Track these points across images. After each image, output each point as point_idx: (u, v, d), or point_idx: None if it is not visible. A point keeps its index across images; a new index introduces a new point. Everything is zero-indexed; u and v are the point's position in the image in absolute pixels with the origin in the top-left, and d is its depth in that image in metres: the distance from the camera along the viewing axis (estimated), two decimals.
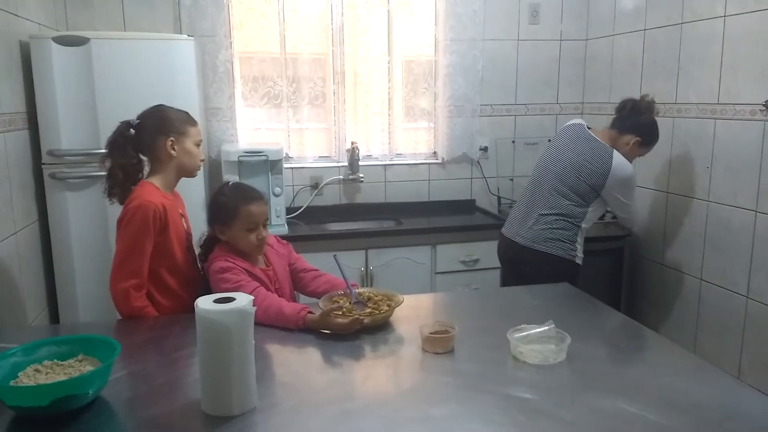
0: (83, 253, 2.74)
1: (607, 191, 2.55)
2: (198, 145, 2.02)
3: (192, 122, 2.02)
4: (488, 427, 1.26)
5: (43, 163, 2.68)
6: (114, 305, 1.90)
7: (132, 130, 1.93)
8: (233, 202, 1.95)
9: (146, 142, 1.95)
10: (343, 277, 1.98)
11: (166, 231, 1.90)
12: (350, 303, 1.87)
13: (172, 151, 1.95)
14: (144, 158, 1.98)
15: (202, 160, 2.06)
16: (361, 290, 1.97)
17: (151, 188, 1.92)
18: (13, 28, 2.54)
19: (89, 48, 2.63)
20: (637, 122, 2.62)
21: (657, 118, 2.69)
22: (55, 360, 1.44)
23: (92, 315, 2.77)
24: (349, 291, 1.92)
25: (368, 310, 1.80)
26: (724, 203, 2.82)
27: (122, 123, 1.95)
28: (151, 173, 1.99)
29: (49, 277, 2.77)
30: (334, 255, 2.02)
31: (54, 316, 2.80)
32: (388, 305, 1.85)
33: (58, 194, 2.70)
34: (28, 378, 1.36)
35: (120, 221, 1.89)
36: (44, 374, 1.38)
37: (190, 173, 2.04)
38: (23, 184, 2.58)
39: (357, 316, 1.74)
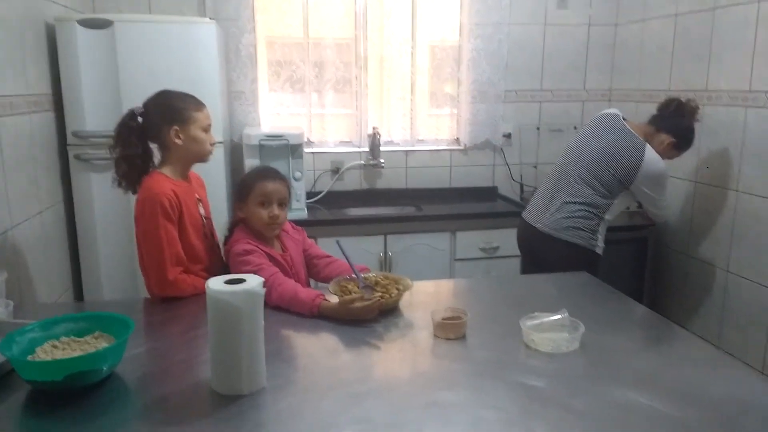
0: (107, 233, 2.79)
1: (636, 186, 2.49)
2: (207, 129, 1.96)
3: (197, 107, 1.95)
4: (497, 414, 1.25)
5: (68, 144, 2.73)
6: (162, 293, 1.90)
7: (139, 119, 1.92)
8: (250, 178, 2.01)
9: (151, 131, 1.93)
10: (348, 262, 1.98)
11: (181, 219, 1.90)
12: (358, 288, 1.86)
13: (178, 140, 1.91)
14: (153, 146, 1.96)
15: (214, 144, 2.01)
16: (367, 275, 1.95)
17: (160, 177, 1.91)
18: (39, 10, 2.57)
19: (113, 30, 2.66)
20: (677, 124, 2.55)
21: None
22: (72, 336, 1.46)
23: (115, 294, 2.82)
24: (356, 276, 1.92)
25: (378, 294, 1.79)
26: (753, 194, 2.74)
27: (127, 111, 1.93)
28: (161, 162, 1.97)
29: (73, 257, 2.83)
30: (337, 240, 2.02)
31: (78, 295, 2.86)
32: (397, 289, 1.85)
33: (82, 175, 2.75)
34: (45, 353, 1.39)
35: (135, 219, 1.90)
36: (61, 350, 1.41)
37: (201, 159, 2.00)
38: (49, 164, 2.63)
39: (376, 299, 1.73)
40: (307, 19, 3.48)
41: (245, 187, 1.99)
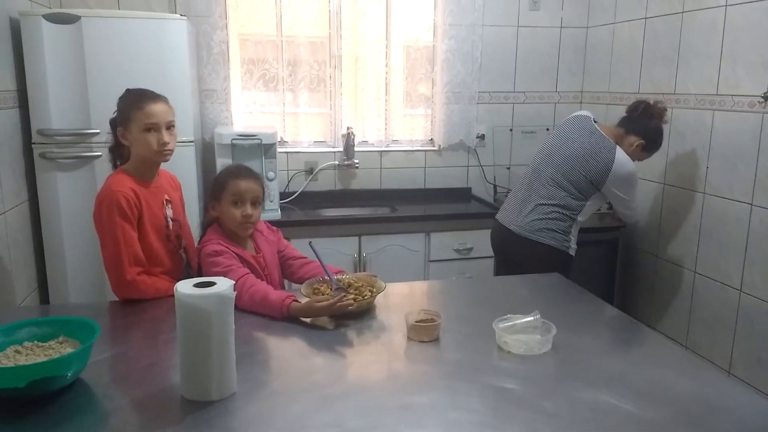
0: (73, 234, 2.72)
1: (607, 187, 2.52)
2: (150, 128, 1.85)
3: (139, 105, 1.85)
4: (468, 416, 1.25)
5: (33, 143, 2.65)
6: (121, 295, 1.87)
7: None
8: (224, 177, 1.99)
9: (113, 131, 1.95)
10: (321, 264, 1.97)
11: (140, 220, 1.87)
12: (331, 290, 1.85)
13: (125, 141, 1.90)
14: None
15: (164, 144, 1.87)
16: (340, 277, 1.95)
17: (122, 177, 1.89)
18: (3, 4, 2.50)
19: (80, 26, 2.60)
20: (645, 125, 2.59)
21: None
22: (36, 341, 1.42)
23: (82, 296, 2.76)
24: (329, 278, 1.91)
25: (351, 296, 1.78)
26: (720, 196, 2.80)
27: None
28: (128, 160, 1.96)
29: (39, 258, 2.76)
30: (310, 242, 2.02)
31: (44, 297, 2.79)
32: (370, 291, 1.84)
33: (48, 174, 2.68)
34: (7, 359, 1.35)
35: (94, 217, 1.87)
36: (24, 355, 1.37)
37: (150, 160, 1.91)
38: (13, 163, 2.55)
39: (342, 298, 1.72)
40: (280, 16, 3.45)
41: (218, 185, 1.97)
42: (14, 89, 2.59)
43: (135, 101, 1.87)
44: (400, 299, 1.99)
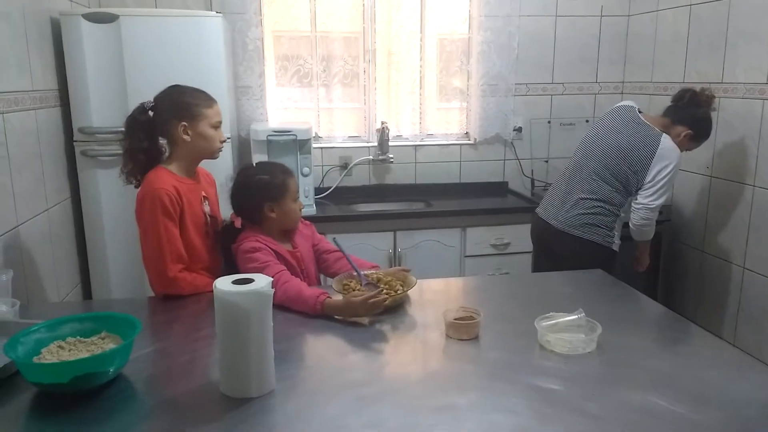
0: (115, 230, 2.77)
1: (649, 174, 2.40)
2: (216, 127, 1.93)
3: (207, 103, 1.92)
4: (510, 418, 1.21)
5: (75, 141, 2.70)
6: (161, 291, 1.89)
7: (150, 113, 1.89)
8: (279, 177, 1.98)
9: (160, 126, 1.90)
10: (348, 260, 1.96)
11: (182, 217, 1.87)
12: (361, 285, 1.83)
13: (186, 136, 1.88)
14: (163, 141, 1.94)
15: (223, 141, 1.98)
16: (368, 272, 1.92)
17: (163, 173, 1.88)
18: (44, 5, 2.55)
19: (119, 25, 2.63)
20: (692, 114, 2.48)
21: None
22: (78, 337, 1.44)
23: (124, 291, 2.81)
24: (357, 274, 1.89)
25: (383, 292, 1.76)
26: None
27: (138, 105, 1.91)
28: (169, 157, 1.95)
29: (81, 254, 2.81)
30: (334, 238, 2.01)
31: (87, 293, 2.85)
32: (401, 285, 1.81)
33: (89, 171, 2.73)
34: (51, 354, 1.37)
35: (135, 214, 1.87)
36: (67, 351, 1.39)
37: (209, 156, 1.97)
38: (55, 161, 2.61)
39: (380, 293, 1.70)
40: (314, 12, 3.44)
41: (278, 187, 1.95)
42: (56, 88, 2.64)
43: (205, 99, 1.92)
44: (436, 296, 1.96)
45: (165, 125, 1.90)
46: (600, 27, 3.71)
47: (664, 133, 2.43)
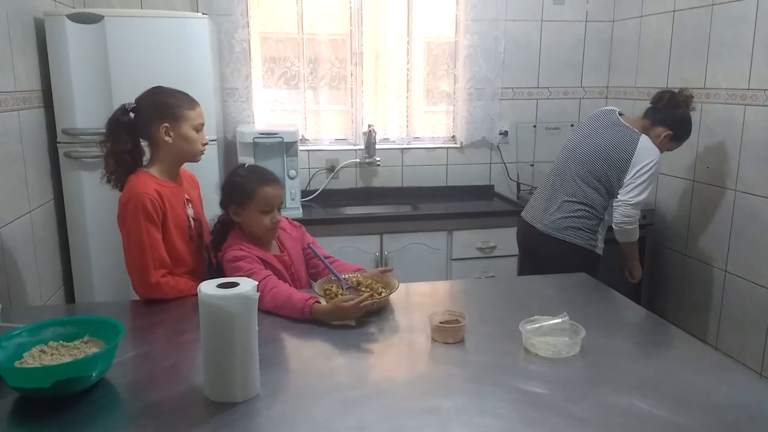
0: (98, 232, 2.74)
1: (628, 174, 2.42)
2: (198, 129, 1.91)
3: (190, 105, 1.90)
4: (495, 421, 1.22)
5: (58, 142, 2.68)
6: (144, 296, 1.87)
7: (131, 114, 1.87)
8: (250, 183, 1.92)
9: (142, 127, 1.88)
10: (324, 264, 1.96)
11: (164, 221, 1.86)
12: (342, 289, 1.83)
13: (168, 138, 1.86)
14: (144, 143, 1.92)
15: (206, 144, 1.96)
16: (347, 276, 1.91)
17: (145, 177, 1.86)
18: (28, 5, 2.52)
19: (103, 25, 2.61)
20: (671, 115, 2.51)
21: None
22: (61, 341, 1.43)
23: (108, 294, 2.78)
24: (336, 278, 1.88)
25: (367, 293, 1.75)
26: (752, 193, 2.72)
27: (120, 107, 1.88)
28: (150, 160, 1.93)
29: (64, 256, 2.78)
30: (308, 244, 2.01)
31: (70, 295, 2.81)
32: (383, 288, 1.81)
33: (72, 173, 2.70)
34: (33, 359, 1.35)
35: (118, 219, 1.85)
36: (49, 355, 1.37)
37: (191, 159, 1.95)
38: (38, 162, 2.58)
39: (367, 297, 1.70)
40: (301, 14, 3.43)
41: (244, 192, 1.91)
42: (39, 89, 2.61)
43: (187, 101, 1.90)
44: (422, 299, 1.97)
45: (146, 126, 1.88)
46: (585, 32, 3.75)
47: (642, 134, 2.46)
